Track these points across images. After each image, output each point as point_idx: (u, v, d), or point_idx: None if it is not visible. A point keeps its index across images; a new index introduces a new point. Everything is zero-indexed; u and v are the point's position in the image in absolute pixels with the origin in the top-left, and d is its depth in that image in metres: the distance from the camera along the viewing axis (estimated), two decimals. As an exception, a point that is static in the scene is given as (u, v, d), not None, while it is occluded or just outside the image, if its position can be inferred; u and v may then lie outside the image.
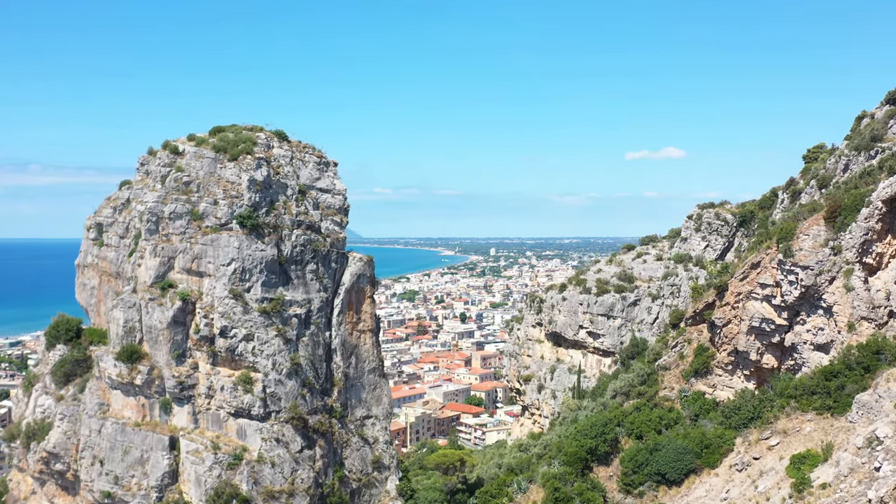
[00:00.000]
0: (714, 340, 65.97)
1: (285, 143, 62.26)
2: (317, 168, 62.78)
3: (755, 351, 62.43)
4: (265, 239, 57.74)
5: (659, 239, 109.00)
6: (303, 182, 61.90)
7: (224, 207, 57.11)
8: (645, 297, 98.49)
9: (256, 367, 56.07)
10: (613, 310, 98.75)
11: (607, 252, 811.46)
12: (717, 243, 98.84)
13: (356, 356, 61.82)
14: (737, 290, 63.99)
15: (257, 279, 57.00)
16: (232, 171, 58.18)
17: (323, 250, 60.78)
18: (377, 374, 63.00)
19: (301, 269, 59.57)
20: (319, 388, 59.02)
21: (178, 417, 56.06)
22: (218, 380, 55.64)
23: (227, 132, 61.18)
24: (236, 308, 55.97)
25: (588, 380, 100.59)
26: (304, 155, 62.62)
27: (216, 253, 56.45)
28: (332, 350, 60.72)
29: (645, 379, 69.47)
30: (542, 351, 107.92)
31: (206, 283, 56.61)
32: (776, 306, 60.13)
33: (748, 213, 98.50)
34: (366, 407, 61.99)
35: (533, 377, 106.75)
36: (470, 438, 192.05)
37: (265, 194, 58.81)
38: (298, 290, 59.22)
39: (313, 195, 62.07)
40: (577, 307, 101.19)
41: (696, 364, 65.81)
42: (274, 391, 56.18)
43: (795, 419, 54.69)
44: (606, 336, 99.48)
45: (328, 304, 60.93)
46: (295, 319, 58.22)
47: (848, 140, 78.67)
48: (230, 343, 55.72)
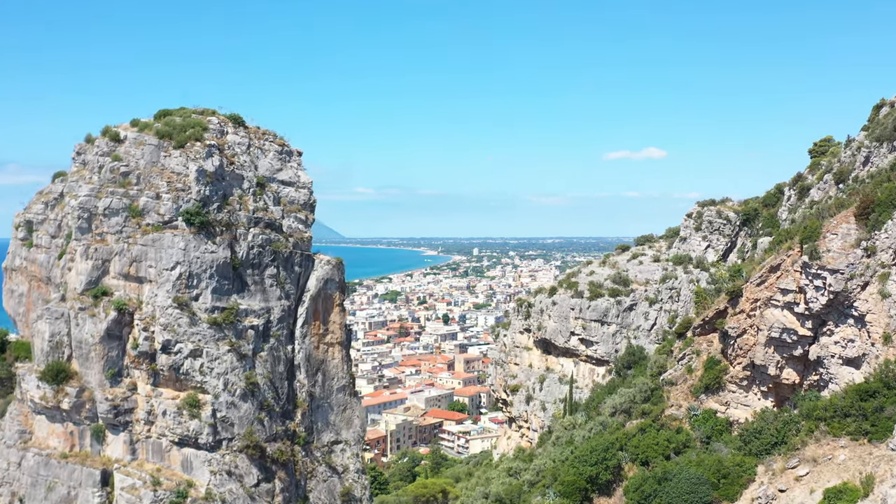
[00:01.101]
0: (727, 352, 58.91)
1: (241, 129, 54.42)
2: (278, 157, 54.97)
3: (774, 365, 55.45)
4: (216, 239, 49.91)
5: (655, 239, 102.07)
6: (262, 173, 54.08)
7: (168, 202, 49.21)
8: (642, 301, 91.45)
9: (205, 388, 48.25)
10: (607, 315, 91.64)
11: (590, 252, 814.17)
12: (718, 243, 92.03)
13: (323, 373, 54.10)
14: (753, 296, 56.95)
15: (207, 285, 49.17)
16: (178, 160, 50.29)
17: (285, 252, 53.01)
18: (347, 392, 55.32)
19: (259, 274, 51.77)
20: (280, 410, 51.25)
21: (112, 447, 48.06)
22: (159, 403, 47.73)
23: (174, 116, 53.25)
24: (182, 319, 48.11)
25: (580, 390, 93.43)
26: (263, 142, 54.82)
27: (158, 255, 48.56)
28: (296, 366, 52.96)
29: (648, 395, 62.29)
30: (530, 359, 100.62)
31: (147, 290, 48.71)
32: (799, 315, 53.17)
33: (752, 212, 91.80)
34: (334, 431, 54.26)
35: (520, 387, 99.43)
36: (453, 447, 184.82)
37: (217, 187, 50.96)
38: (255, 297, 51.41)
39: (274, 188, 54.28)
40: (569, 312, 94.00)
41: (707, 379, 58.73)
42: (225, 415, 48.36)
43: (826, 445, 47.87)
44: (600, 343, 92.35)
45: (291, 313, 53.16)
46: (251, 332, 50.42)
47: (866, 130, 71.98)
48: (174, 360, 47.87)
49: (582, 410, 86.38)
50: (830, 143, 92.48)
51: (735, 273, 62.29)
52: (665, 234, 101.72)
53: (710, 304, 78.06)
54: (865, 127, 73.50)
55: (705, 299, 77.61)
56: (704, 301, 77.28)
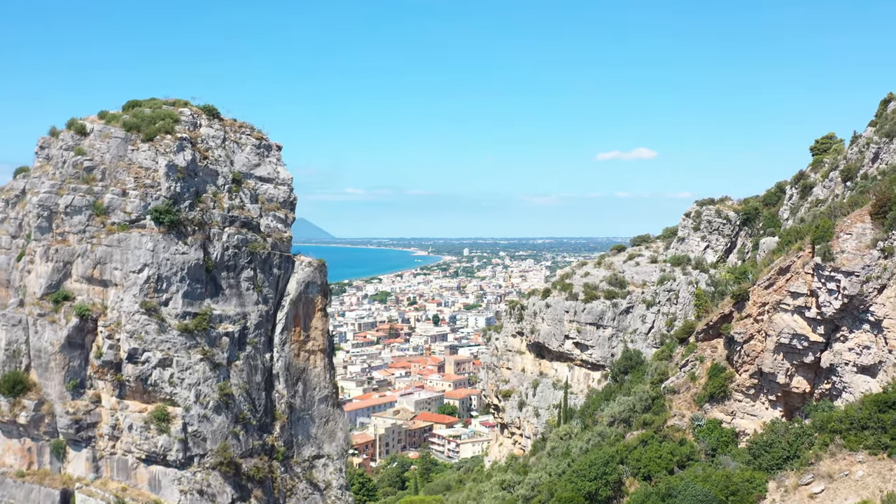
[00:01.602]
0: (732, 359, 55.72)
1: (216, 122, 50.83)
2: (256, 152, 51.41)
3: (783, 372, 52.26)
4: (188, 239, 46.34)
5: (652, 239, 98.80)
6: (238, 169, 50.54)
7: (135, 199, 45.61)
8: (638, 303, 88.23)
9: (175, 400, 44.66)
10: (603, 318, 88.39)
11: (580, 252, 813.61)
12: (718, 244, 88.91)
13: (304, 383, 50.58)
14: (761, 299, 53.77)
15: (177, 289, 45.58)
16: (146, 154, 46.68)
17: (262, 253, 49.47)
18: (330, 403, 51.82)
19: (234, 277, 48.22)
20: (257, 423, 47.72)
21: (73, 465, 44.42)
22: (125, 416, 44.13)
23: (143, 107, 49.61)
24: (150, 326, 44.51)
25: (575, 396, 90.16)
26: (239, 136, 51.26)
27: (124, 256, 44.95)
28: (274, 376, 49.43)
29: (649, 404, 58.99)
30: (523, 363, 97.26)
31: (112, 294, 45.11)
32: (810, 320, 49.98)
33: (752, 211, 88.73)
34: (316, 444, 50.75)
35: (513, 392, 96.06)
36: (443, 451, 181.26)
37: (189, 183, 47.38)
38: (231, 302, 47.85)
39: (251, 185, 50.72)
40: (563, 315, 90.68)
41: (712, 387, 55.45)
42: (197, 430, 44.79)
43: (843, 460, 44.71)
44: (595, 347, 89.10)
45: (269, 319, 49.64)
46: (225, 339, 46.86)
47: (874, 126, 68.99)
48: (141, 370, 44.28)
49: (577, 418, 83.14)
50: (833, 140, 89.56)
51: (740, 275, 59.13)
52: (662, 234, 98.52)
53: (711, 307, 74.92)
54: (873, 122, 70.50)
55: (706, 302, 74.48)
56: (705, 304, 74.14)
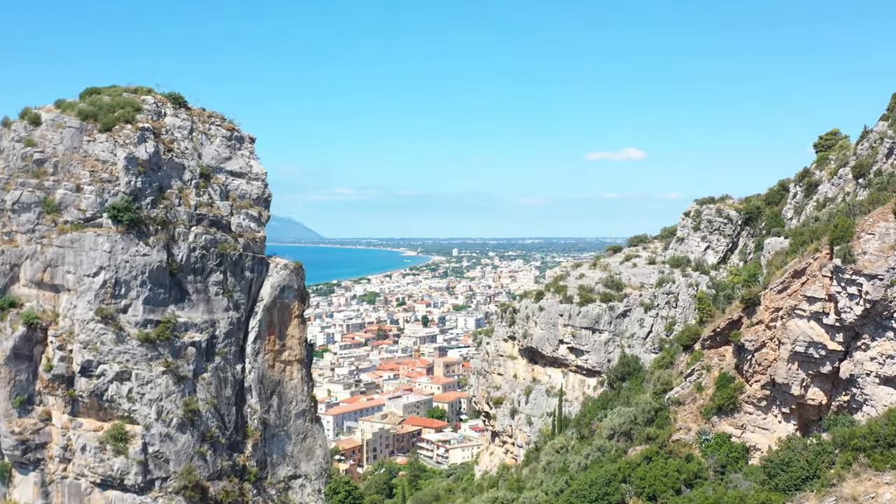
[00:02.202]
0: (742, 369, 51.86)
1: (183, 111, 46.49)
2: (226, 144, 47.12)
3: (798, 383, 48.42)
4: (150, 239, 42.02)
5: (649, 239, 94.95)
6: (207, 163, 46.22)
7: (91, 196, 41.24)
8: (636, 307, 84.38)
9: (134, 418, 40.35)
10: (599, 322, 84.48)
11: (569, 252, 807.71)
12: (719, 244, 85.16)
13: (279, 396, 46.33)
14: (774, 304, 49.93)
15: (137, 295, 41.25)
16: (104, 145, 42.31)
17: (233, 254, 45.19)
18: (308, 418, 47.58)
19: (202, 281, 43.92)
20: (226, 442, 43.45)
21: (20, 490, 40.01)
22: (78, 436, 39.77)
23: (102, 95, 45.20)
24: (106, 335, 40.17)
25: (570, 404, 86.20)
26: (209, 126, 46.95)
27: (78, 259, 40.60)
28: (246, 389, 45.18)
29: (652, 416, 55.05)
30: (515, 369, 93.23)
31: (64, 300, 40.73)
32: (829, 326, 46.15)
33: (754, 210, 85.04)
34: (292, 463, 46.50)
35: (505, 399, 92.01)
36: (432, 456, 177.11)
37: (151, 178, 43.04)
38: (197, 308, 43.55)
39: (221, 180, 46.44)
40: (557, 319, 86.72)
41: (720, 399, 51.58)
42: (159, 450, 40.48)
43: (868, 481, 40.76)
44: (591, 352, 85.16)
45: (240, 326, 45.38)
46: (191, 349, 42.57)
47: (886, 120, 65.34)
48: (96, 384, 39.95)
49: (572, 427, 79.29)
50: (837, 136, 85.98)
51: (749, 278, 55.30)
52: (660, 234, 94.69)
53: (715, 311, 71.15)
54: (885, 116, 66.83)
55: (709, 306, 70.65)
56: (708, 308, 70.32)
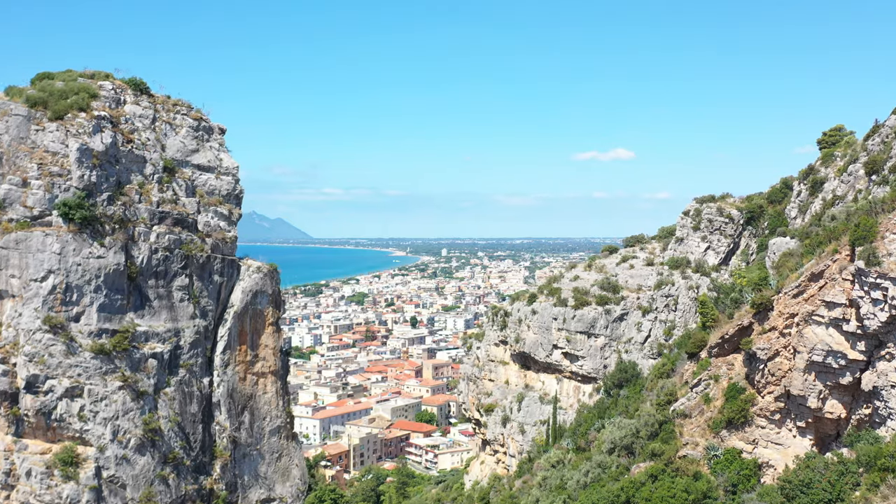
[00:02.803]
0: (754, 379, 48.14)
1: (145, 98, 42.24)
2: (193, 135, 42.92)
3: (815, 395, 44.75)
4: (106, 239, 37.81)
5: (647, 239, 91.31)
6: (171, 155, 42.03)
7: (39, 191, 36.99)
8: (634, 310, 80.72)
9: (86, 439, 36.16)
10: (595, 326, 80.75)
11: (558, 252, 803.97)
12: (720, 245, 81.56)
13: (251, 412, 42.19)
14: (788, 310, 46.24)
15: (91, 301, 37.05)
16: (54, 135, 38.05)
17: (200, 256, 41.03)
18: (283, 435, 43.46)
19: (164, 286, 39.75)
20: (191, 463, 39.28)
21: (-43, 521, 35.69)
22: (23, 460, 35.53)
23: (55, 79, 40.93)
24: (55, 347, 35.96)
25: (564, 412, 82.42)
26: (174, 116, 42.73)
27: (24, 261, 36.35)
28: (214, 405, 41.03)
29: (656, 430, 51.30)
30: (506, 375, 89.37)
31: (8, 307, 36.49)
32: (849, 334, 42.53)
33: (756, 209, 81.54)
34: (265, 486, 42.37)
35: (496, 407, 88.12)
36: (421, 461, 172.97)
37: (108, 172, 38.83)
38: (160, 316, 39.37)
39: (187, 175, 42.25)
40: (551, 322, 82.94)
41: (729, 411, 47.87)
42: (114, 475, 36.31)
43: (898, 505, 37.18)
44: (587, 358, 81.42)
45: (208, 336, 41.23)
46: (152, 361, 38.39)
47: (900, 114, 61.82)
48: (43, 402, 35.73)
49: (568, 437, 75.57)
50: (842, 131, 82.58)
51: (760, 281, 51.58)
52: (658, 233, 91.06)
53: (718, 316, 67.48)
54: (897, 110, 63.38)
55: (712, 310, 66.99)
56: (712, 313, 66.64)
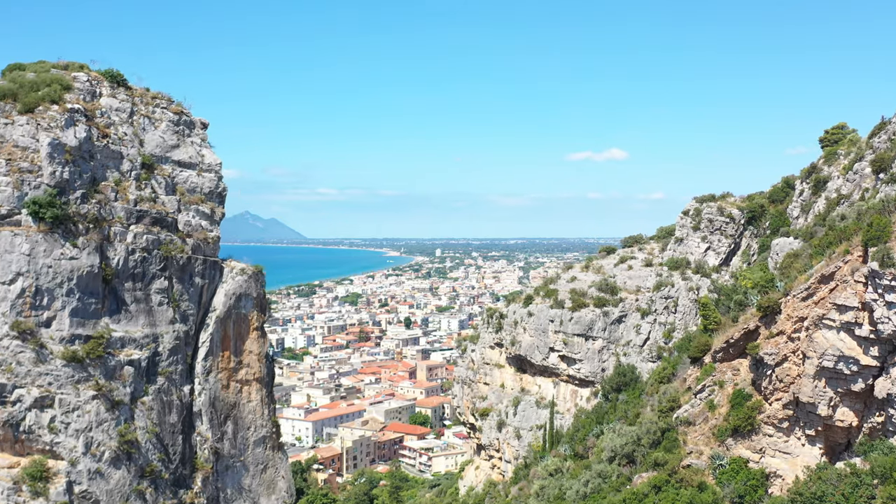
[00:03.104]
0: (761, 385, 46.24)
1: (122, 91, 40.05)
2: (174, 130, 40.76)
3: (826, 403, 42.89)
4: (79, 240, 35.64)
5: (645, 240, 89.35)
6: (150, 151, 39.86)
7: (7, 188, 34.81)
8: (632, 312, 78.79)
9: (57, 452, 34.00)
10: (593, 328, 78.81)
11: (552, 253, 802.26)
12: (720, 245, 79.68)
13: (235, 421, 40.08)
14: (797, 313, 44.35)
15: (63, 305, 34.89)
16: (24, 129, 35.85)
17: (180, 257, 38.89)
18: (269, 446, 41.34)
19: (142, 289, 37.60)
20: (171, 477, 37.13)
21: (-82, 540, 33.45)
22: (-11, 475, 33.29)
23: (27, 70, 38.73)
24: (24, 354, 33.79)
25: (561, 416, 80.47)
26: (153, 109, 40.56)
27: (-9, 263, 34.13)
28: (195, 414, 38.89)
29: (658, 438, 49.35)
30: (502, 378, 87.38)
31: (-26, 312, 34.24)
32: (862, 339, 40.70)
33: (758, 208, 79.69)
34: (250, 499, 40.25)
35: (491, 411, 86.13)
36: (415, 464, 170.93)
37: (82, 168, 36.66)
38: (137, 321, 37.22)
39: (167, 172, 40.09)
40: (547, 325, 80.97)
41: (735, 419, 45.99)
42: (87, 490, 34.16)
43: (916, 520, 35.36)
44: (584, 361, 79.48)
45: (189, 341, 39.09)
46: (129, 369, 36.24)
47: (908, 110, 60.07)
48: (12, 412, 33.55)
49: (565, 443, 73.65)
50: (845, 129, 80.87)
51: (767, 283, 49.67)
52: (657, 234, 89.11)
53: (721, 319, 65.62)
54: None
55: (714, 313, 65.12)
56: (713, 315, 64.76)
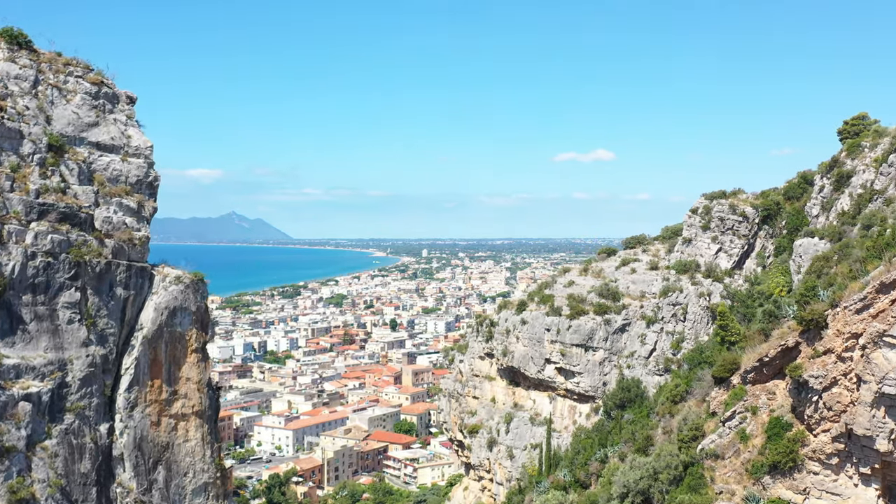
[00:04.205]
0: (804, 413, 38.94)
1: (24, 55, 32.13)
2: (91, 105, 32.91)
3: (885, 436, 35.74)
4: (-40, 241, 27.79)
5: (649, 240, 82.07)
6: (60, 129, 32.03)
7: None
8: (636, 320, 71.50)
9: (-77, 517, 26.17)
10: (593, 338, 71.46)
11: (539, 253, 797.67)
12: (733, 246, 72.55)
13: (168, 466, 32.30)
14: (850, 328, 37.13)
15: (-65, 326, 27.00)
16: None
17: (97, 263, 31.09)
18: (212, 495, 33.58)
19: (46, 303, 29.79)
20: (80, 541, 29.29)
21: None
22: None
23: None
24: None
25: (559, 434, 73.02)
26: (65, 79, 32.70)
27: None
28: (116, 459, 31.09)
29: (680, 473, 41.96)
30: (493, 392, 79.87)
31: None
32: (933, 361, 33.53)
33: (773, 206, 72.66)
34: (186, 563, 32.42)
35: (481, 427, 78.56)
36: (399, 476, 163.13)
37: (-35, 150, 28.77)
38: (37, 343, 29.42)
39: (82, 156, 32.26)
40: (543, 334, 73.59)
41: (773, 453, 38.68)
42: (-36, 566, 26.35)
43: None
44: (584, 374, 72.10)
45: (108, 368, 31.28)
46: (25, 405, 28.45)
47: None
48: None
49: (565, 468, 66.32)
50: (866, 120, 73.96)
51: (808, 291, 42.37)
52: (661, 234, 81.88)
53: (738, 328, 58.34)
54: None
55: (733, 322, 57.90)
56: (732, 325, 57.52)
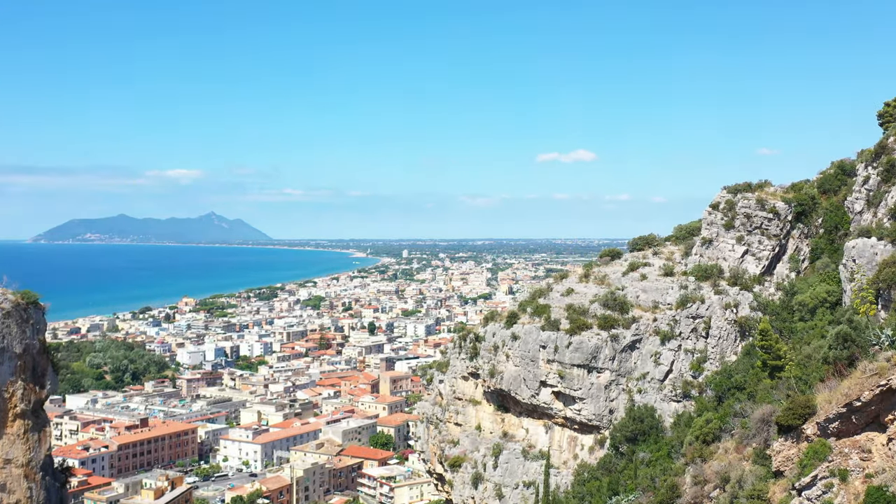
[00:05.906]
0: (920, 483, 27.82)
1: None
2: None
3: None
4: None
5: (660, 241, 70.84)
6: None
7: None
8: (649, 336, 60.37)
9: None
10: (598, 357, 60.26)
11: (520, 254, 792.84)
12: (762, 248, 61.54)
13: None
14: None
15: None
16: None
17: None
18: None
19: None
20: None
21: None
22: None
23: None
24: None
25: (557, 471, 61.67)
26: None
27: None
28: None
29: (741, 560, 30.82)
30: (478, 418, 68.36)
31: None
32: None
33: (808, 200, 61.84)
34: None
35: (465, 461, 66.99)
36: (375, 495, 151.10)
37: None
38: None
39: None
40: (538, 351, 62.27)
41: (877, 539, 27.54)
42: None
43: None
44: (586, 400, 60.84)
45: None
46: None
47: None
48: None
49: (567, 518, 55.37)
50: (912, 101, 63.31)
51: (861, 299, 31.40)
52: (674, 233, 70.60)
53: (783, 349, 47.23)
54: None
55: (776, 342, 46.90)
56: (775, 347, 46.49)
